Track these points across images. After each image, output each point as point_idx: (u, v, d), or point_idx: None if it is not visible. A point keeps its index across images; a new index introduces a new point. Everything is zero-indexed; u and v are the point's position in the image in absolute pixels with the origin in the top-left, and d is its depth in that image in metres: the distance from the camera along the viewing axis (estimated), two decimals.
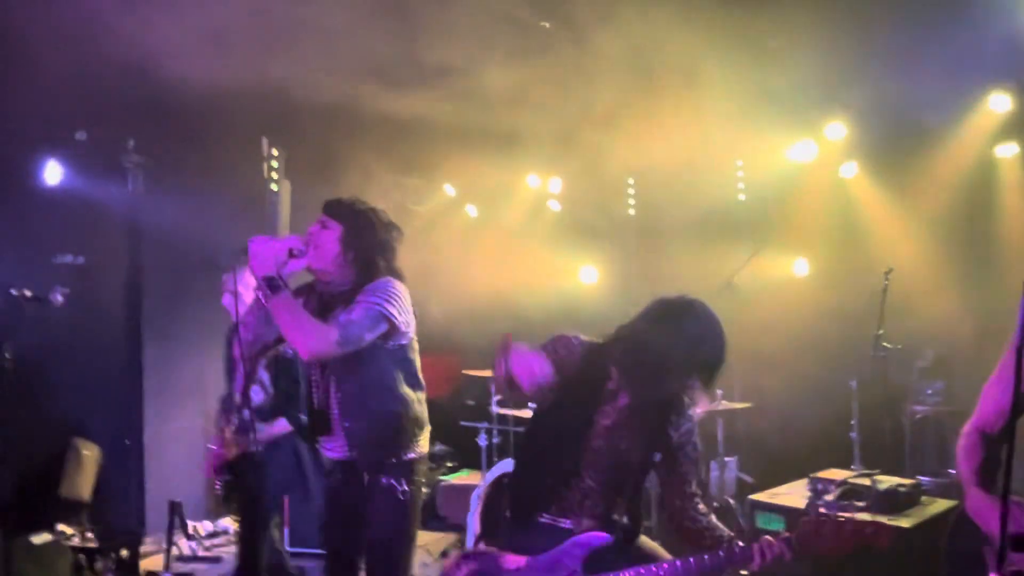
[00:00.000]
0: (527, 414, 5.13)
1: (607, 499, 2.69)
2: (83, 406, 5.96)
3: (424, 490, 3.15)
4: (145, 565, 5.24)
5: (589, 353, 2.68)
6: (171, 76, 4.70)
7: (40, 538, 4.61)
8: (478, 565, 2.68)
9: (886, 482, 4.43)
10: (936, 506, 4.41)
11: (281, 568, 4.27)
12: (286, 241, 2.93)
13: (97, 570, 4.93)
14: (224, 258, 3.37)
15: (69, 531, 5.03)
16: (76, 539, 4.94)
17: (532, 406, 3.01)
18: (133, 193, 6.10)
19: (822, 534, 2.47)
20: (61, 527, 5.06)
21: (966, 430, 2.78)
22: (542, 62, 5.21)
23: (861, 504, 4.32)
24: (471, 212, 8.21)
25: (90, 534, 5.04)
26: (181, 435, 6.40)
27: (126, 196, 6.08)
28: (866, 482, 4.48)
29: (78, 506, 5.58)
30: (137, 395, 6.21)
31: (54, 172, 5.67)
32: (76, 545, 4.86)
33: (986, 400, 2.76)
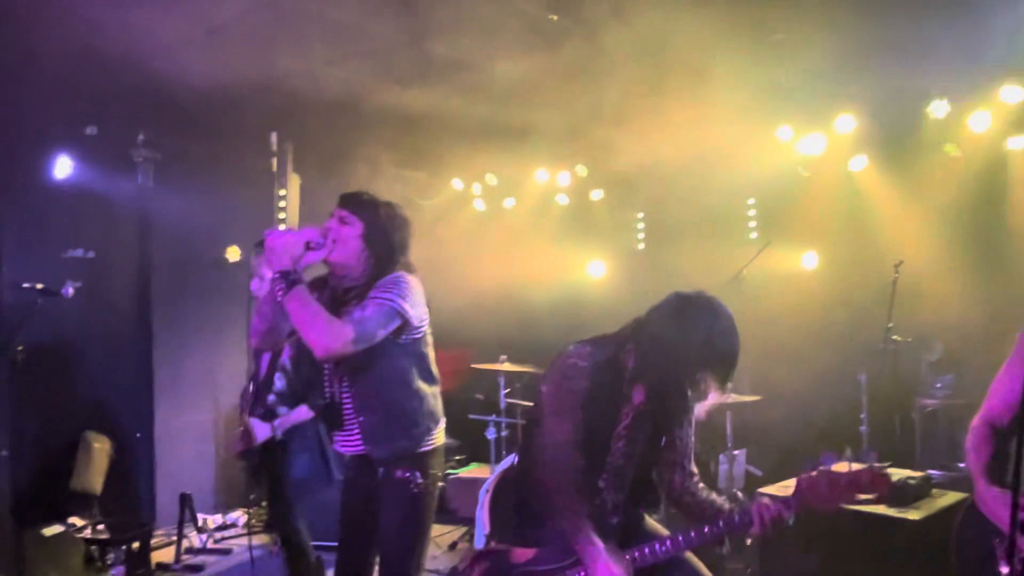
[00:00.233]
0: None
1: (619, 491, 2.70)
2: (94, 399, 6.00)
3: (439, 484, 3.14)
4: (156, 557, 5.28)
5: (597, 368, 2.63)
6: (181, 70, 4.72)
7: (52, 530, 4.64)
8: (490, 564, 2.70)
9: (895, 475, 4.42)
10: (946, 499, 4.39)
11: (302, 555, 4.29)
12: (303, 233, 2.90)
13: (108, 562, 4.96)
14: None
15: (80, 523, 5.06)
16: (87, 531, 4.96)
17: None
18: (143, 187, 6.13)
19: (819, 490, 2.46)
20: (72, 519, 5.09)
21: (975, 423, 2.78)
22: (551, 56, 5.20)
23: (869, 497, 4.31)
24: (479, 206, 8.22)
25: (101, 526, 5.05)
26: (191, 428, 6.44)
27: (136, 190, 6.11)
28: None
29: (89, 498, 5.62)
30: (148, 388, 6.24)
31: (64, 167, 5.69)
32: (87, 537, 4.88)
33: (995, 393, 2.76)
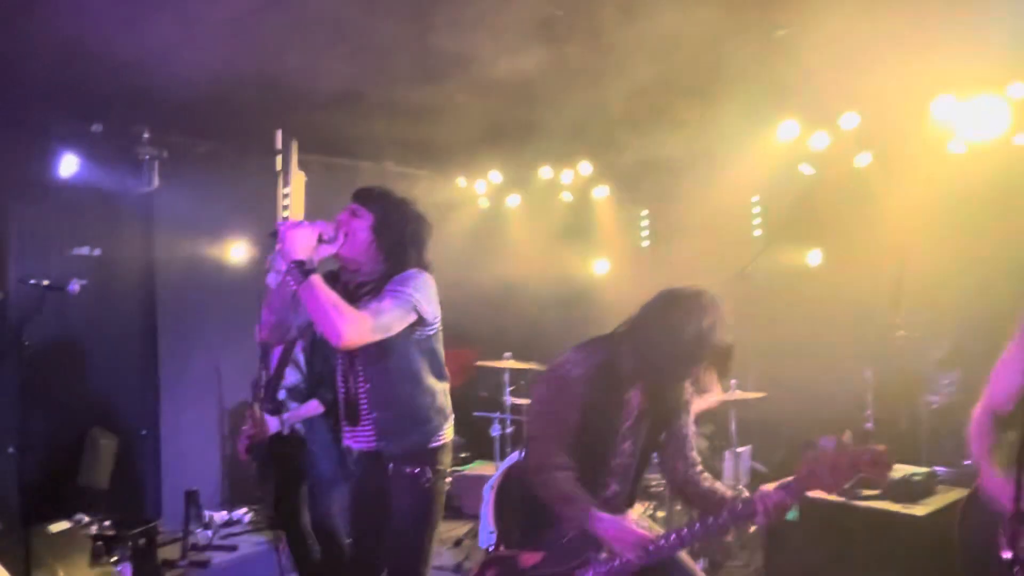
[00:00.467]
0: None
1: (627, 489, 2.73)
2: (100, 396, 6.03)
3: (448, 480, 3.14)
4: (162, 553, 5.30)
5: (593, 373, 2.63)
6: (186, 68, 4.72)
7: (58, 526, 4.64)
8: (498, 569, 2.72)
9: (900, 471, 4.41)
10: (952, 495, 4.38)
11: (308, 551, 4.29)
12: (316, 226, 2.90)
13: (115, 558, 4.97)
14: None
15: (87, 519, 5.09)
16: (94, 527, 4.99)
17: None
18: (148, 185, 6.14)
19: (819, 473, 2.43)
20: (79, 516, 5.12)
21: (977, 412, 2.78)
22: (555, 53, 5.20)
23: (874, 492, 4.31)
24: (483, 204, 8.22)
25: (108, 523, 5.07)
26: (197, 424, 6.45)
27: (141, 188, 6.12)
28: None
29: (96, 495, 5.64)
30: (153, 385, 6.26)
31: (70, 165, 5.71)
32: (94, 533, 4.89)
33: (996, 382, 2.75)
